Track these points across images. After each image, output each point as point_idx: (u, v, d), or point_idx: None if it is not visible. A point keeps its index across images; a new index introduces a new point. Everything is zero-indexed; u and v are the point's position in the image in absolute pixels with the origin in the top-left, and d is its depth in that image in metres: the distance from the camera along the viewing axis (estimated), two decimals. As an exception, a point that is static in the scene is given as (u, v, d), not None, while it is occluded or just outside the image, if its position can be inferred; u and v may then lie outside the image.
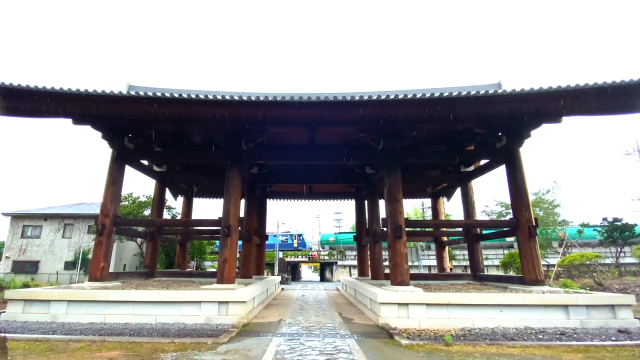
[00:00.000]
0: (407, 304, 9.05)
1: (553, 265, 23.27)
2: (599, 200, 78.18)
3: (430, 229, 17.77)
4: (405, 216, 11.50)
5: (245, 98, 9.43)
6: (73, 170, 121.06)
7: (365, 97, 9.31)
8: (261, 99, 9.47)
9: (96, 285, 10.61)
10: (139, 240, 24.07)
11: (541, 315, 8.80)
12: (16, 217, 27.58)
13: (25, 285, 17.79)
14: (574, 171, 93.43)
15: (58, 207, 30.39)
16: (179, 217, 22.63)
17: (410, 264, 13.89)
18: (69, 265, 25.90)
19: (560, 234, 24.52)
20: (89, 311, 9.27)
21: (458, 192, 16.40)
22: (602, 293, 11.04)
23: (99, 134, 11.99)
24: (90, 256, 18.16)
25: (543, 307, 8.88)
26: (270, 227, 32.56)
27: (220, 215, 11.68)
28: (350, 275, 32.96)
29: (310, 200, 21.04)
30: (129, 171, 12.98)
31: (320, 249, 43.75)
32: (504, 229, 12.37)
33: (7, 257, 26.37)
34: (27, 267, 25.85)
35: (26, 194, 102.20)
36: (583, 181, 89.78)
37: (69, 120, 11.02)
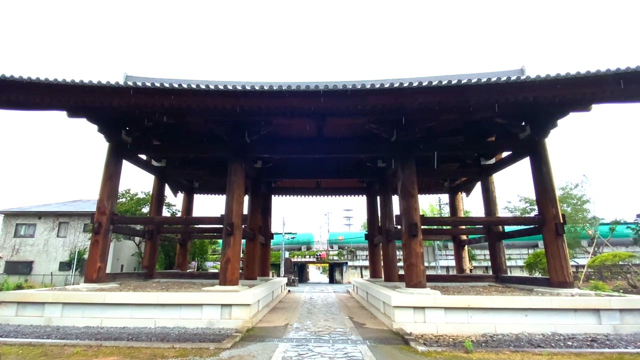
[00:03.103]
0: (423, 308, 9.00)
1: (582, 266, 22.98)
2: (633, 195, 76.85)
3: (448, 227, 17.63)
4: (421, 213, 11.43)
5: (248, 88, 9.39)
6: (68, 166, 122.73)
7: (377, 85, 9.21)
8: (265, 88, 9.43)
9: (92, 287, 10.74)
10: (137, 239, 24.32)
11: (570, 320, 8.69)
12: (9, 215, 28.04)
13: (19, 287, 18.15)
14: (606, 163, 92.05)
15: (53, 204, 30.83)
16: (179, 214, 22.77)
17: (426, 264, 13.83)
18: (64, 266, 26.28)
19: (589, 232, 24.17)
20: (85, 314, 9.40)
21: (478, 187, 16.24)
22: (637, 296, 10.86)
23: (95, 127, 12.07)
24: (86, 256, 18.42)
25: (572, 311, 8.77)
26: (276, 226, 32.69)
27: (223, 213, 11.71)
28: (362, 277, 32.99)
29: (318, 197, 21.04)
30: (127, 166, 13.10)
31: (329, 249, 43.76)
32: (529, 227, 12.23)
33: (-1, 257, 26.86)
34: (20, 268, 26.31)
35: (19, 190, 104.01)
36: (615, 174, 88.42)
37: (64, 113, 11.13)
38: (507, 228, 14.71)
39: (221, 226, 11.75)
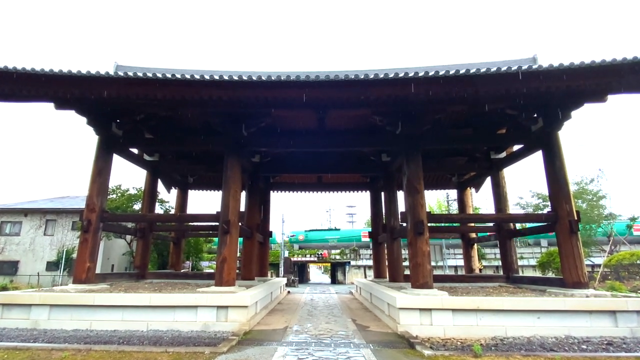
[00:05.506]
0: (430, 310, 9.01)
1: (598, 266, 23.01)
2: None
3: (457, 224, 17.67)
4: (428, 210, 11.40)
5: (245, 78, 9.36)
6: (55, 161, 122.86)
7: (381, 76, 9.16)
8: (263, 78, 9.40)
9: (81, 288, 10.74)
10: (128, 237, 24.39)
11: (585, 323, 8.69)
12: (-6, 213, 28.07)
13: (4, 288, 18.24)
14: (623, 157, 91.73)
15: (39, 201, 30.92)
16: (172, 211, 22.79)
17: (433, 264, 13.84)
18: (52, 266, 26.33)
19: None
20: (74, 317, 9.42)
21: (487, 182, 16.21)
22: (655, 297, 10.86)
23: (84, 119, 12.03)
24: (74, 255, 18.51)
25: (587, 313, 8.77)
26: (275, 224, 32.72)
27: (219, 210, 11.71)
28: (366, 277, 33.04)
29: (319, 192, 21.04)
30: (118, 161, 13.09)
31: None
32: (542, 224, 12.21)
33: (-17, 257, 26.91)
34: (5, 268, 26.37)
35: (4, 186, 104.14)
36: (634, 169, 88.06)
37: (51, 105, 11.08)
38: (519, 225, 14.72)
39: (217, 224, 11.74)
